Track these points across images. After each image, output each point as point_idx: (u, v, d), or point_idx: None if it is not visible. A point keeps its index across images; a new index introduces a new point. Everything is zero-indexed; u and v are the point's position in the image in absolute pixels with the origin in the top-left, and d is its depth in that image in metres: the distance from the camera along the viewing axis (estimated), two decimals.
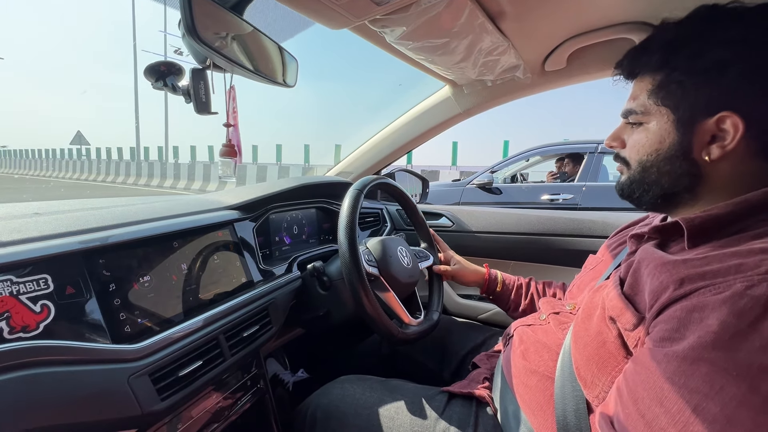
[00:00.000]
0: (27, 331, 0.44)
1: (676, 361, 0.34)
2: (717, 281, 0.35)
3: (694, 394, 0.32)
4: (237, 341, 0.69)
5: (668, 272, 0.40)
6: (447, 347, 0.96)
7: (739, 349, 0.32)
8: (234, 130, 0.66)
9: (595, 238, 1.10)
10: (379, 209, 1.37)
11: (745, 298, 0.33)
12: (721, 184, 0.45)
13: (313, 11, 0.59)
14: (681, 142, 0.46)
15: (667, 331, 0.37)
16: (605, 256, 0.69)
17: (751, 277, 0.34)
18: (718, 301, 0.34)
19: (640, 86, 0.50)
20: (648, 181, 0.50)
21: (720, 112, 0.42)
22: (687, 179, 0.46)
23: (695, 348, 0.33)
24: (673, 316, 0.37)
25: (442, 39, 0.71)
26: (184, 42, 0.54)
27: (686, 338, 0.35)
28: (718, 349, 0.32)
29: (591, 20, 0.75)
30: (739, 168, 0.44)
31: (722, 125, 0.43)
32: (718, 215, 0.42)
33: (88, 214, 0.60)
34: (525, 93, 1.06)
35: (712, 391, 0.32)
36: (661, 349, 0.36)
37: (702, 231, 0.43)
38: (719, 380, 0.32)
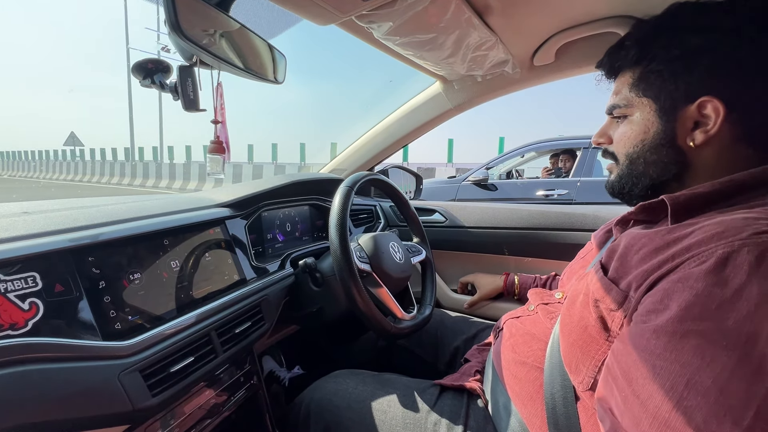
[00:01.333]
0: (15, 328, 0.45)
1: (666, 336, 0.34)
2: (701, 251, 0.35)
3: (686, 367, 0.32)
4: (229, 337, 0.69)
5: (654, 250, 0.40)
6: (440, 340, 0.97)
7: (726, 319, 0.31)
8: (222, 127, 0.66)
9: (586, 232, 1.11)
10: (373, 206, 1.38)
11: (728, 266, 0.33)
12: (706, 169, 0.45)
13: (299, 7, 0.60)
14: (665, 131, 0.46)
15: (653, 303, 0.37)
16: (594, 246, 0.70)
17: (731, 242, 0.34)
18: (701, 272, 0.34)
19: (622, 81, 0.51)
20: (636, 173, 0.50)
21: (700, 98, 0.43)
22: (674, 167, 0.47)
23: (683, 320, 0.33)
24: (659, 289, 0.37)
25: (429, 34, 0.71)
26: (171, 39, 0.54)
27: (670, 308, 0.35)
28: (705, 319, 0.32)
29: (577, 15, 0.75)
30: (724, 154, 0.44)
31: (704, 110, 0.43)
32: (702, 192, 0.43)
33: (78, 213, 0.60)
34: (515, 88, 1.06)
35: (703, 363, 0.31)
36: (648, 325, 0.36)
37: (686, 208, 0.43)
38: (709, 351, 0.31)
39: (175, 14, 0.48)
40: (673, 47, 0.45)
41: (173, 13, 0.47)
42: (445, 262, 1.34)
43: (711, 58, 0.42)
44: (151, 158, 20.30)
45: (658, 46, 0.46)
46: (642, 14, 0.74)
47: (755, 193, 0.41)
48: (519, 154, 4.35)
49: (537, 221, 1.19)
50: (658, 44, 0.46)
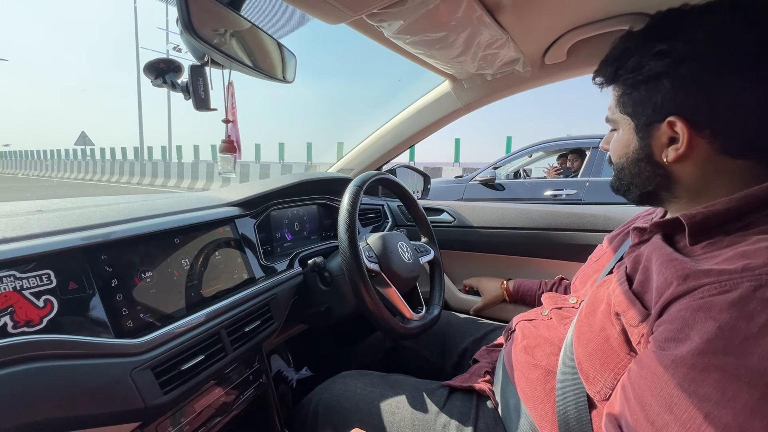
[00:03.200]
0: (30, 325, 0.45)
1: (685, 367, 0.33)
2: (722, 279, 0.34)
3: (705, 402, 0.31)
4: (239, 336, 0.70)
5: (673, 268, 0.39)
6: (448, 341, 0.96)
7: (750, 355, 0.31)
8: (233, 126, 0.66)
9: (597, 232, 1.10)
10: (381, 205, 1.37)
11: (754, 300, 0.32)
12: (699, 182, 0.46)
13: (310, 6, 0.59)
14: (642, 147, 0.49)
15: (672, 332, 0.36)
16: (608, 249, 0.69)
17: (759, 276, 0.33)
18: (725, 303, 0.33)
19: (613, 95, 0.53)
20: (625, 182, 0.53)
21: (668, 117, 0.45)
22: (656, 179, 0.49)
23: (704, 353, 0.32)
24: (677, 316, 0.36)
25: (440, 33, 0.71)
26: (183, 39, 0.54)
27: (691, 339, 0.34)
28: (728, 354, 0.31)
29: (590, 12, 0.74)
30: (707, 166, 0.45)
31: (674, 128, 0.45)
32: (719, 211, 0.42)
33: (91, 211, 0.61)
34: (525, 87, 1.05)
35: (724, 398, 0.31)
36: (667, 353, 0.35)
37: (703, 227, 0.42)
38: (731, 387, 0.31)
39: (188, 13, 0.48)
40: (638, 71, 0.47)
41: (186, 13, 0.48)
42: (453, 262, 1.33)
43: (670, 80, 0.44)
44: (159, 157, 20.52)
45: (629, 69, 0.48)
46: (653, 11, 0.73)
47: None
48: (527, 153, 4.31)
49: (546, 222, 1.17)
50: (628, 67, 0.48)
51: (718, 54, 0.41)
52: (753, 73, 0.40)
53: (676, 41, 0.44)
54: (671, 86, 0.44)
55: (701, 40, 0.42)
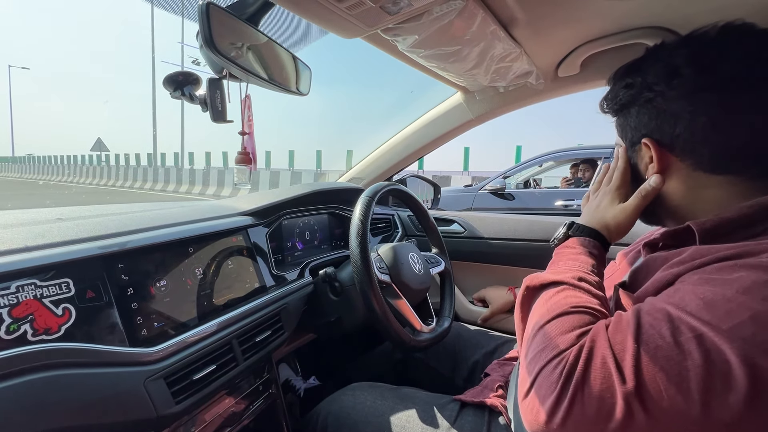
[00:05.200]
0: (49, 333, 0.46)
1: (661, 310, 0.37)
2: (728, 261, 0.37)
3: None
4: (249, 346, 0.70)
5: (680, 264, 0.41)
6: (459, 353, 0.95)
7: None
8: (249, 138, 0.67)
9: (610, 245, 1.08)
10: (391, 215, 1.37)
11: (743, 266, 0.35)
12: (687, 197, 0.49)
13: (326, 21, 0.60)
14: (633, 166, 0.55)
15: (661, 283, 0.42)
16: (621, 265, 0.67)
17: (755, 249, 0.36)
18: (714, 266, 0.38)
19: None
20: None
21: (642, 140, 0.50)
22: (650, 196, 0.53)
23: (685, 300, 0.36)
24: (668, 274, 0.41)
25: (454, 46, 0.71)
26: (202, 53, 0.56)
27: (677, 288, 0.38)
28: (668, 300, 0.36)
29: (605, 26, 0.74)
30: (693, 183, 0.47)
31: (649, 149, 0.50)
32: (730, 219, 0.43)
33: (108, 220, 0.62)
34: (538, 99, 1.05)
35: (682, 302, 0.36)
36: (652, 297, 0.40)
37: (713, 234, 0.43)
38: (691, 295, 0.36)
39: (210, 30, 0.49)
40: (614, 101, 0.54)
41: (208, 29, 0.49)
42: (464, 274, 1.32)
43: (636, 108, 0.51)
44: (172, 164, 20.88)
45: (609, 100, 0.55)
46: (671, 25, 0.73)
47: None
48: (537, 163, 4.29)
49: None
50: (609, 97, 0.55)
51: (669, 84, 0.47)
52: (699, 98, 0.45)
53: (637, 75, 0.51)
54: (637, 113, 0.51)
55: (654, 73, 0.48)
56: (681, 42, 0.48)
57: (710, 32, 0.46)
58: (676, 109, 0.46)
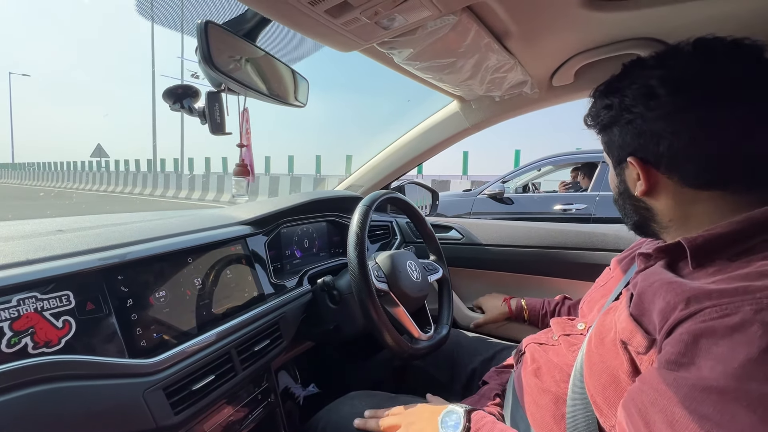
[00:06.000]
0: (50, 346, 0.46)
1: (686, 387, 0.34)
2: (723, 302, 0.35)
3: (705, 421, 0.32)
4: (248, 355, 0.70)
5: (674, 292, 0.40)
6: (457, 361, 0.95)
7: (750, 378, 0.31)
8: (247, 151, 0.68)
9: (607, 252, 1.09)
10: (389, 222, 1.38)
11: (754, 324, 0.32)
12: (678, 212, 0.49)
13: (323, 36, 0.62)
14: (620, 183, 0.55)
15: (675, 355, 0.36)
16: (615, 273, 0.68)
17: (759, 299, 0.33)
18: (726, 328, 0.34)
19: None
20: (621, 213, 0.59)
21: (627, 158, 0.50)
22: (639, 212, 0.54)
23: (706, 375, 0.33)
24: (680, 339, 0.37)
25: (448, 59, 0.73)
26: (201, 68, 0.57)
27: (695, 364, 0.34)
28: (728, 377, 0.32)
29: (597, 37, 0.75)
30: (683, 198, 0.47)
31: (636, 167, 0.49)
32: (720, 234, 0.42)
33: (108, 231, 0.63)
34: (533, 108, 1.06)
35: (723, 419, 0.31)
36: (670, 372, 0.36)
37: (705, 251, 0.43)
38: (730, 409, 0.31)
39: (208, 47, 0.50)
40: (596, 120, 0.54)
41: (206, 47, 0.50)
42: (462, 280, 1.33)
43: (618, 128, 0.51)
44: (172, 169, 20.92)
45: (591, 119, 0.56)
46: (661, 36, 0.74)
47: None
48: (536, 167, 4.30)
49: (556, 240, 1.17)
50: (591, 117, 0.56)
51: (646, 105, 0.47)
52: (677, 118, 0.45)
53: (615, 96, 0.51)
54: (620, 133, 0.51)
55: (631, 94, 0.49)
56: (655, 62, 0.49)
57: (683, 49, 0.47)
58: (657, 129, 0.46)
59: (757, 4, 0.63)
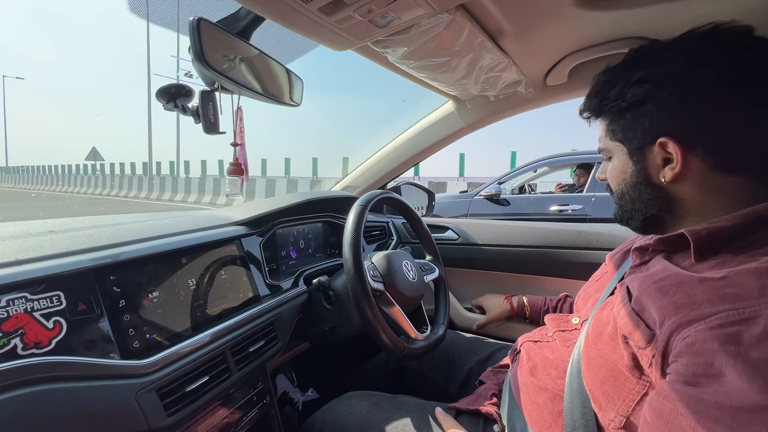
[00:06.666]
0: (40, 347, 0.46)
1: (731, 408, 0.32)
2: (739, 306, 0.34)
3: None
4: (243, 356, 0.70)
5: (681, 290, 0.39)
6: (453, 361, 0.95)
7: None
8: (241, 150, 0.68)
9: (602, 251, 1.09)
10: (385, 222, 1.38)
11: None
12: (699, 202, 0.46)
13: (317, 34, 0.62)
14: (639, 170, 0.50)
15: (700, 366, 0.34)
16: (610, 268, 0.68)
17: None
18: (753, 337, 0.32)
19: (601, 126, 0.55)
20: (626, 208, 0.53)
21: (659, 139, 0.46)
22: (658, 202, 0.49)
23: (746, 392, 0.31)
24: (702, 349, 0.34)
25: (443, 58, 0.73)
26: (194, 66, 0.57)
27: (726, 376, 0.33)
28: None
29: (590, 36, 0.76)
30: (704, 184, 0.45)
31: (666, 149, 0.46)
32: (724, 227, 0.42)
33: (100, 232, 0.62)
34: (528, 107, 1.07)
35: None
36: (704, 390, 0.34)
37: (709, 243, 0.42)
38: None
39: (201, 45, 0.50)
40: (621, 99, 0.49)
41: (199, 44, 0.50)
42: (458, 281, 1.33)
43: (654, 104, 0.46)
44: (167, 172, 20.82)
45: (613, 98, 0.50)
46: (654, 35, 0.74)
47: None
48: (531, 168, 4.32)
49: (552, 240, 1.17)
50: (612, 96, 0.50)
51: (697, 75, 0.43)
52: (729, 91, 0.42)
53: (654, 68, 0.47)
54: (656, 109, 0.46)
55: (680, 64, 0.45)
56: (704, 34, 0.46)
57: (735, 27, 0.44)
58: (704, 103, 0.43)
59: (750, 3, 0.63)
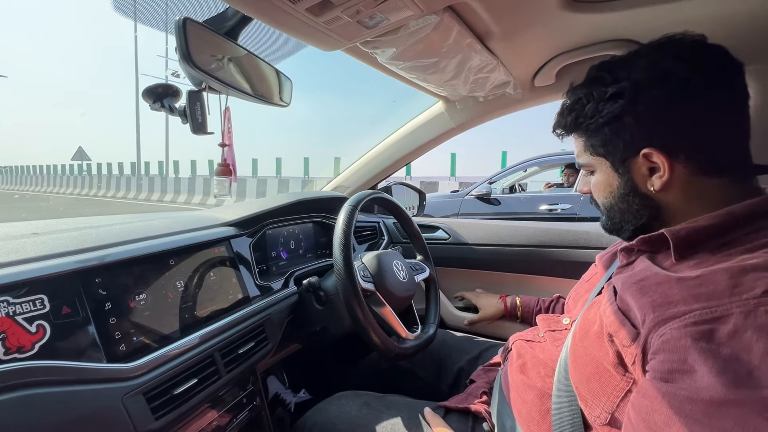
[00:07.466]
0: (22, 351, 0.45)
1: (702, 402, 0.33)
2: (712, 304, 0.35)
3: None
4: (232, 358, 0.69)
5: (660, 290, 0.40)
6: (443, 360, 0.96)
7: (761, 387, 0.31)
8: (229, 150, 0.67)
9: (590, 249, 1.11)
10: (376, 222, 1.38)
11: (748, 330, 0.32)
12: (684, 206, 0.47)
13: (305, 35, 0.62)
14: (626, 182, 0.50)
15: (674, 362, 0.35)
16: (599, 268, 0.69)
17: (746, 301, 0.34)
18: (724, 336, 0.33)
19: (578, 142, 0.55)
20: (616, 220, 0.54)
21: (642, 150, 0.47)
22: (647, 211, 0.50)
23: (716, 387, 0.32)
24: (676, 346, 0.36)
25: (431, 58, 0.73)
26: (181, 66, 0.56)
27: (698, 372, 0.34)
28: (739, 387, 0.31)
29: (577, 38, 0.77)
30: (688, 189, 0.46)
31: (651, 159, 0.46)
32: (702, 227, 0.43)
33: (86, 233, 0.61)
34: (516, 108, 1.08)
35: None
36: (677, 385, 0.35)
37: (688, 242, 0.44)
38: (752, 422, 0.30)
39: (187, 45, 0.49)
40: (598, 116, 0.49)
41: (185, 44, 0.49)
42: (449, 280, 1.34)
43: (632, 117, 0.47)
44: (156, 172, 20.52)
45: (588, 115, 0.50)
46: (640, 37, 0.76)
47: (755, 226, 0.42)
48: (522, 168, 4.36)
49: (541, 239, 1.19)
50: (587, 113, 0.50)
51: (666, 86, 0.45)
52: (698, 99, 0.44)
53: (623, 82, 0.47)
54: (635, 122, 0.46)
55: (647, 76, 0.46)
56: (654, 48, 0.48)
57: (687, 37, 0.47)
58: (679, 113, 0.45)
59: (729, 7, 0.65)
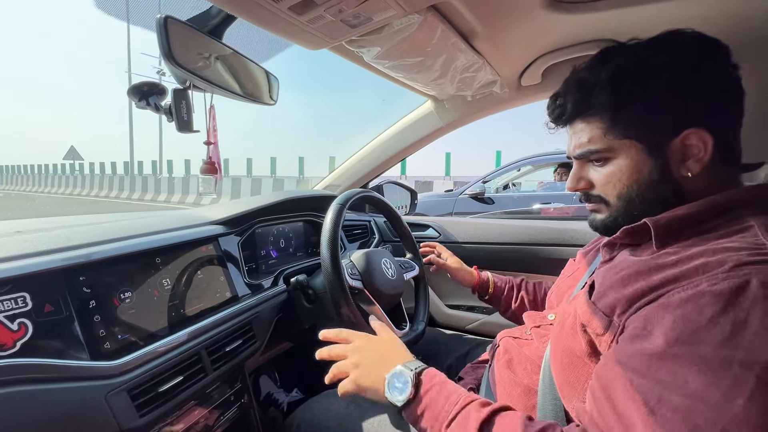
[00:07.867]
0: (3, 350, 0.45)
1: (645, 356, 0.36)
2: (683, 283, 0.37)
3: (659, 386, 0.34)
4: (219, 356, 0.69)
5: (641, 279, 0.41)
6: (433, 358, 0.96)
7: (700, 343, 0.33)
8: (214, 148, 0.67)
9: (577, 247, 1.12)
10: (367, 221, 1.39)
11: (706, 295, 0.35)
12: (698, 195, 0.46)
13: (290, 33, 0.62)
14: (657, 167, 0.47)
15: (636, 329, 0.38)
16: (581, 264, 0.70)
17: (715, 275, 0.36)
18: (681, 300, 0.36)
19: (591, 127, 0.50)
20: (635, 212, 0.49)
21: (684, 131, 0.45)
22: (674, 199, 0.47)
23: (661, 344, 0.35)
24: (641, 315, 0.39)
25: (417, 58, 0.74)
26: (165, 64, 0.56)
27: (653, 334, 0.36)
28: (681, 343, 0.34)
29: (561, 38, 0.78)
30: (712, 176, 0.46)
31: (688, 141, 0.45)
32: (682, 215, 0.44)
33: (71, 232, 0.61)
34: (504, 107, 1.09)
35: (676, 383, 0.33)
36: (631, 345, 0.38)
37: (668, 230, 0.44)
38: (682, 373, 0.33)
39: (168, 43, 0.50)
40: (636, 93, 0.46)
41: (166, 43, 0.49)
42: (438, 278, 1.34)
43: (680, 94, 0.45)
44: (150, 172, 20.35)
45: (634, 89, 0.47)
46: (624, 38, 0.77)
47: (735, 214, 0.43)
48: (516, 167, 4.38)
49: (529, 237, 1.20)
50: (632, 87, 0.47)
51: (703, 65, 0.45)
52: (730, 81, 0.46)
53: (670, 56, 0.45)
54: (686, 99, 0.44)
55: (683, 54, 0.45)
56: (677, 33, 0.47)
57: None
58: (721, 92, 0.44)
59: (708, 8, 0.66)
